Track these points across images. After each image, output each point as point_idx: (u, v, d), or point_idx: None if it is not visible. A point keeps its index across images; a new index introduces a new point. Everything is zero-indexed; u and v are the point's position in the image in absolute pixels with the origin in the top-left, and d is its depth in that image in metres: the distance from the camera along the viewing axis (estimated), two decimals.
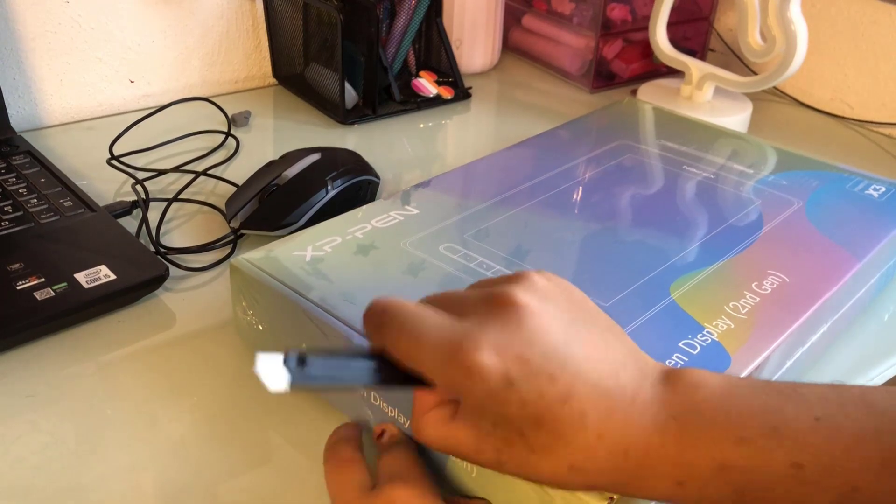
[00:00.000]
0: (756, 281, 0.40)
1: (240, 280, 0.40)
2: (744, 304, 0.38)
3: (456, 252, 0.41)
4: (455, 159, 0.66)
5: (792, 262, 0.42)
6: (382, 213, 0.45)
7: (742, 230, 0.45)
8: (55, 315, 0.43)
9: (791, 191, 0.49)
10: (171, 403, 0.39)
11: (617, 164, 0.52)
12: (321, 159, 0.54)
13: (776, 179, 0.50)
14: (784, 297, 0.39)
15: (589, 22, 0.81)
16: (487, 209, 0.46)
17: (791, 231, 0.45)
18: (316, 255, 0.41)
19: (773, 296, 0.39)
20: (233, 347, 0.43)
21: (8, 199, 0.53)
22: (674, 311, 0.37)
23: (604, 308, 0.36)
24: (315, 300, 0.37)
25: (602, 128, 0.58)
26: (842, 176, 0.51)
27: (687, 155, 0.54)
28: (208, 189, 0.59)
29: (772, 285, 0.40)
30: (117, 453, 0.36)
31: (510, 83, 0.84)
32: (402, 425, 0.34)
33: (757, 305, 0.38)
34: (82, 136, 0.67)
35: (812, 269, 0.41)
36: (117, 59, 0.71)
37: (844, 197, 0.49)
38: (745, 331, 0.37)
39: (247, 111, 0.71)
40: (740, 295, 0.39)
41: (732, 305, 0.38)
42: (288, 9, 0.73)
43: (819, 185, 0.50)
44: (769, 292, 0.39)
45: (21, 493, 0.34)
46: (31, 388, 0.40)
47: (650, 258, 0.42)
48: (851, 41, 0.77)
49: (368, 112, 0.72)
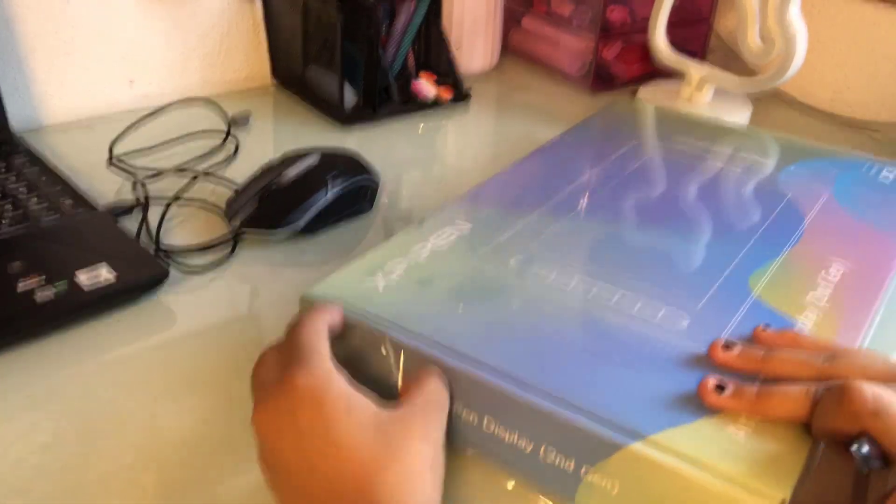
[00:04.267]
0: (823, 270, 0.40)
1: None
2: (821, 293, 0.38)
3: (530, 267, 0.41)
4: (455, 160, 0.66)
5: (845, 250, 0.42)
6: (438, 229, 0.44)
7: (787, 222, 0.45)
8: (55, 315, 0.43)
9: (816, 180, 0.50)
10: (171, 403, 0.39)
11: (641, 166, 0.52)
12: (321, 160, 0.54)
13: (797, 169, 0.51)
14: (853, 284, 0.39)
15: (588, 23, 0.81)
16: (538, 219, 0.45)
17: (831, 219, 0.45)
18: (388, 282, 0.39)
19: (843, 283, 0.39)
20: (233, 347, 0.43)
21: (8, 198, 0.53)
22: (759, 309, 0.37)
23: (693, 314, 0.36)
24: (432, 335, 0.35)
25: (610, 130, 0.58)
26: (855, 161, 0.52)
27: (703, 151, 0.54)
28: (208, 189, 0.59)
29: (838, 273, 0.40)
30: (117, 453, 0.36)
31: (510, 84, 0.84)
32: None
33: (833, 295, 0.38)
34: (82, 136, 0.67)
35: (865, 253, 0.42)
36: (117, 59, 0.71)
37: (865, 183, 0.50)
38: (833, 321, 0.36)
39: (247, 112, 0.71)
40: (815, 284, 0.39)
41: (811, 296, 0.38)
42: (288, 9, 0.73)
43: (838, 173, 0.51)
44: (839, 280, 0.39)
45: (21, 493, 0.34)
46: (31, 388, 0.39)
47: (717, 257, 0.41)
48: (851, 41, 0.77)
49: (368, 113, 0.72)
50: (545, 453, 0.32)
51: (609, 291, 0.39)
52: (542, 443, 0.32)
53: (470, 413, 0.34)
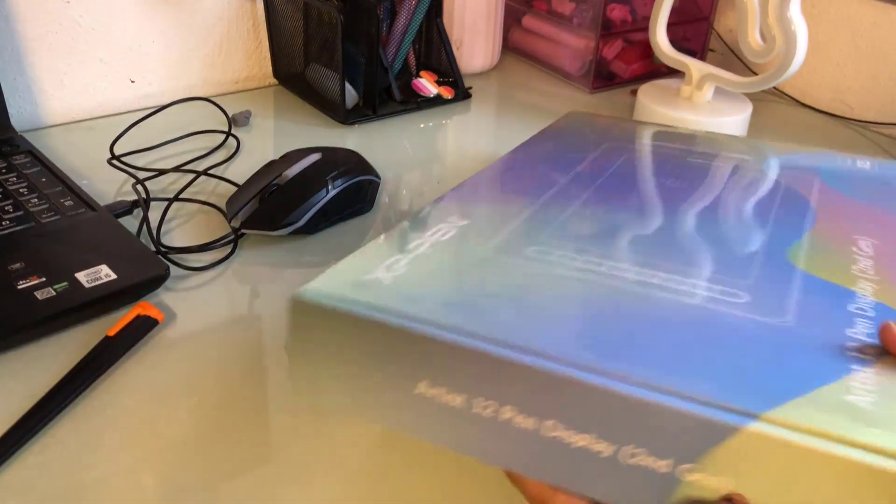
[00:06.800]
0: (853, 245, 0.38)
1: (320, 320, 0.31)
2: (864, 265, 0.36)
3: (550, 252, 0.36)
4: (455, 159, 0.66)
5: (863, 227, 0.40)
6: (433, 226, 0.39)
7: (795, 206, 0.43)
8: (56, 314, 0.43)
9: (800, 170, 0.49)
10: (171, 403, 0.39)
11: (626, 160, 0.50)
12: (322, 159, 0.54)
13: (777, 163, 0.50)
14: (891, 254, 0.37)
15: (589, 22, 0.81)
16: (543, 209, 0.41)
17: (833, 201, 0.44)
18: (396, 274, 0.33)
19: (880, 255, 0.37)
20: (233, 347, 0.43)
21: (9, 198, 0.53)
22: (814, 282, 0.34)
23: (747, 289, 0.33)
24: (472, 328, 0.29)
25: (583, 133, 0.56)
26: (829, 155, 0.52)
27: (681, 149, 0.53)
28: (209, 189, 0.59)
29: (869, 246, 0.38)
30: (117, 453, 0.36)
31: (510, 83, 0.84)
32: None
33: (876, 266, 0.36)
34: (83, 135, 0.67)
35: (883, 229, 0.40)
36: (118, 58, 0.71)
37: (846, 171, 0.49)
38: (891, 290, 0.33)
39: (247, 111, 0.71)
40: (853, 259, 0.36)
41: (856, 268, 0.35)
42: (288, 9, 0.73)
43: (817, 164, 0.50)
44: (873, 253, 0.37)
45: (21, 493, 0.34)
46: (31, 388, 0.40)
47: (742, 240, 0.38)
48: (851, 41, 0.77)
49: (369, 112, 0.72)
50: (630, 455, 0.27)
51: (650, 274, 0.34)
52: (629, 442, 0.27)
53: (527, 418, 0.28)
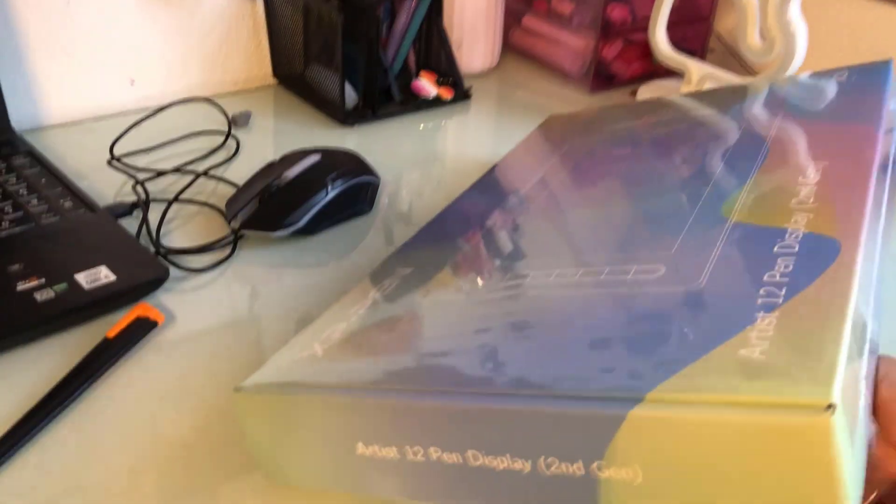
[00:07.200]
0: (800, 176, 0.36)
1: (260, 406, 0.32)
2: (805, 195, 0.34)
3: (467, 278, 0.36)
4: (455, 160, 0.66)
5: (817, 152, 0.38)
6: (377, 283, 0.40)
7: (748, 148, 0.41)
8: (55, 316, 0.43)
9: (766, 107, 0.46)
10: (171, 404, 0.39)
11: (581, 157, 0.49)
12: (321, 160, 0.54)
13: (743, 106, 0.48)
14: (838, 177, 0.35)
15: (589, 22, 0.81)
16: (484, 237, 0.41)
17: (793, 131, 0.42)
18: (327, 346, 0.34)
19: (826, 180, 0.35)
20: (232, 348, 0.43)
21: (8, 199, 0.53)
22: (741, 230, 0.33)
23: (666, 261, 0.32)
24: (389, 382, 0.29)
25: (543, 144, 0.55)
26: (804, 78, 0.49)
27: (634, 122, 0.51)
28: (209, 190, 0.59)
29: (817, 173, 0.36)
30: (117, 454, 0.36)
31: (510, 84, 0.84)
32: None
33: (818, 192, 0.34)
34: (83, 136, 0.67)
35: (840, 148, 0.38)
36: (118, 59, 0.71)
37: (816, 90, 0.46)
38: (827, 215, 0.32)
39: (247, 112, 0.71)
40: (795, 192, 0.35)
41: (794, 202, 0.34)
42: (288, 10, 0.73)
43: (786, 93, 0.48)
44: (819, 178, 0.35)
45: (21, 493, 0.34)
46: (31, 388, 0.40)
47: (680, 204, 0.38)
48: (851, 41, 0.77)
49: (368, 112, 0.72)
50: (547, 466, 0.27)
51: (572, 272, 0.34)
52: (540, 454, 0.27)
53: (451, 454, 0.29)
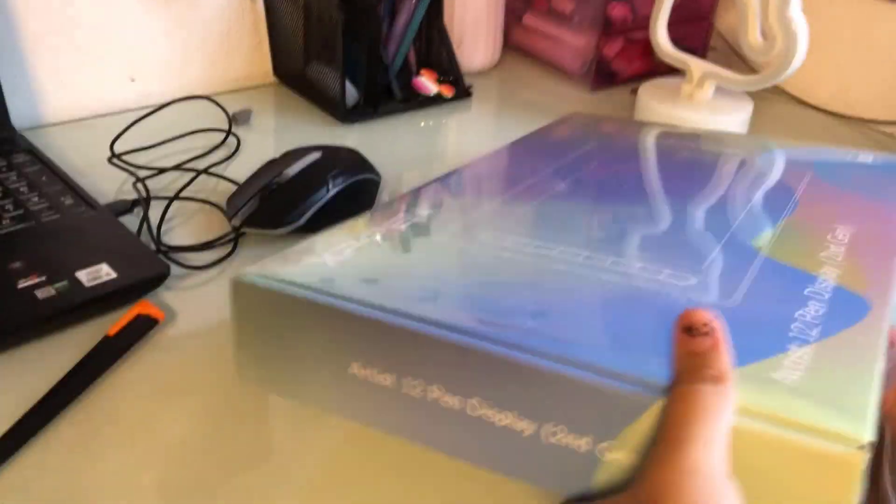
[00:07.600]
0: (829, 234, 0.37)
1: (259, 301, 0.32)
2: (834, 251, 0.35)
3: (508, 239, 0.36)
4: (456, 157, 0.66)
5: (845, 217, 0.39)
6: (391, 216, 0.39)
7: (778, 195, 0.42)
8: (56, 314, 0.43)
9: (794, 163, 0.48)
10: (171, 403, 0.39)
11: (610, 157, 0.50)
12: (322, 157, 0.54)
13: (771, 156, 0.49)
14: (867, 241, 0.36)
15: (590, 21, 0.80)
16: (506, 203, 0.41)
17: (820, 193, 0.43)
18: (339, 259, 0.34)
19: (855, 243, 0.36)
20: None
21: (9, 197, 0.53)
22: (773, 266, 0.34)
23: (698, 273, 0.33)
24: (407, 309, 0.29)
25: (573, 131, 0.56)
26: (827, 150, 0.50)
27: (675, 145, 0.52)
28: (209, 187, 0.59)
29: (846, 235, 0.37)
30: (117, 453, 0.36)
31: (511, 82, 0.84)
32: None
33: (848, 253, 0.35)
34: (83, 134, 0.67)
35: (867, 219, 0.39)
36: (118, 57, 0.71)
37: (844, 165, 0.47)
38: (857, 274, 0.32)
39: (248, 109, 0.71)
40: (825, 246, 0.36)
41: (824, 255, 0.35)
42: (289, 7, 0.73)
43: (815, 158, 0.49)
44: (849, 240, 0.36)
45: (20, 492, 0.34)
46: (31, 387, 0.40)
47: (712, 227, 0.38)
48: (851, 40, 0.77)
49: (369, 110, 0.72)
50: (552, 434, 0.26)
51: (603, 259, 0.35)
52: (549, 420, 0.26)
53: (452, 397, 0.28)
